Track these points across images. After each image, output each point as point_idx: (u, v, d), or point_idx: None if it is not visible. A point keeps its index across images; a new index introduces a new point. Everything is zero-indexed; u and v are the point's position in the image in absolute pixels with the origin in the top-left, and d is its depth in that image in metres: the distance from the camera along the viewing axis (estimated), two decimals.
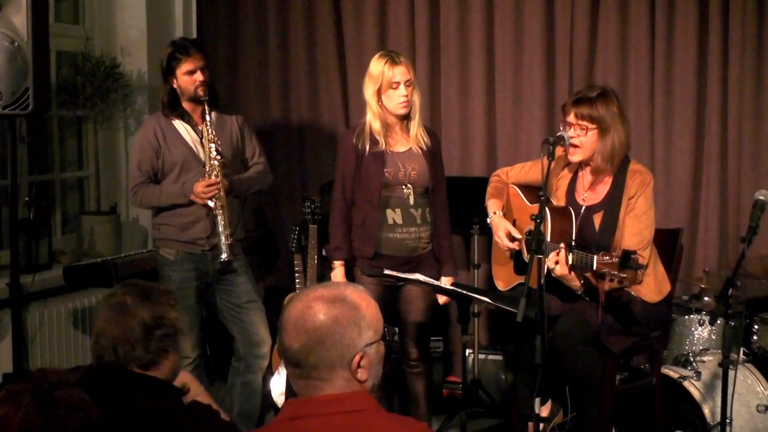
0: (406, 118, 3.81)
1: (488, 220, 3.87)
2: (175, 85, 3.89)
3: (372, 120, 3.79)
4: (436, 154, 3.89)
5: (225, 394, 4.17)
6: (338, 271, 3.87)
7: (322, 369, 1.82)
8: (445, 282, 3.80)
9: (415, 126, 3.81)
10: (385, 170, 3.78)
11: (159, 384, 2.38)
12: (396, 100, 3.74)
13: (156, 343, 2.36)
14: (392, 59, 3.73)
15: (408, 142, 3.83)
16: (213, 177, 3.82)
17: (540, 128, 4.77)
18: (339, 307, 1.84)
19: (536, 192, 3.76)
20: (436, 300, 3.92)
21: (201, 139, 3.89)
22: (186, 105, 3.93)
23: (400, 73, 3.72)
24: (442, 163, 3.98)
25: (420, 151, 3.82)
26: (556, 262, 3.33)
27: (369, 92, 3.77)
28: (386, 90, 3.74)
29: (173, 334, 2.41)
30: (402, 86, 3.72)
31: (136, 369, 2.36)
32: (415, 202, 3.82)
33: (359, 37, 5.09)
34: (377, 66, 3.75)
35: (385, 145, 3.79)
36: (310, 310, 1.83)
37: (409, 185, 3.80)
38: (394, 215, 3.81)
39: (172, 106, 3.90)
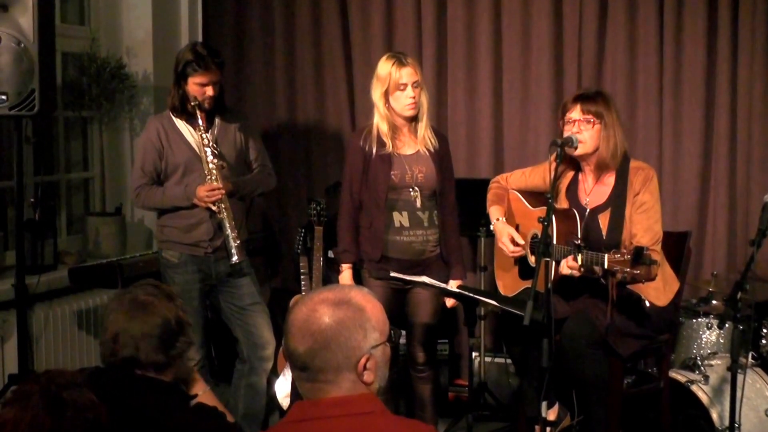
0: (413, 120, 3.80)
1: (491, 227, 3.86)
2: (183, 89, 3.87)
3: (379, 122, 3.78)
4: (444, 156, 3.88)
5: (229, 396, 4.16)
6: (346, 274, 3.86)
7: (328, 372, 1.81)
8: (453, 285, 3.79)
9: (423, 128, 3.80)
10: (392, 173, 3.77)
11: (164, 386, 2.37)
12: (403, 102, 3.73)
13: (176, 350, 2.37)
14: (400, 60, 3.73)
15: (416, 144, 3.82)
16: (213, 181, 3.81)
17: (548, 129, 4.75)
18: (344, 310, 1.83)
19: (537, 196, 3.76)
20: (444, 303, 3.90)
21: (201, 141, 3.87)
22: (191, 108, 3.91)
23: (407, 74, 3.71)
24: (451, 165, 3.97)
25: (427, 154, 3.81)
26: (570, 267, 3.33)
27: (377, 94, 3.76)
28: (393, 91, 3.73)
29: (190, 343, 2.41)
30: (409, 87, 3.71)
31: (146, 371, 2.35)
32: (422, 204, 3.80)
33: (366, 37, 5.08)
34: (385, 67, 3.74)
35: (392, 147, 3.78)
36: (315, 314, 1.82)
37: (415, 188, 3.78)
38: (400, 218, 3.80)
39: (182, 108, 3.89)
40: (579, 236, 3.50)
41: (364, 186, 3.82)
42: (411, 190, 3.79)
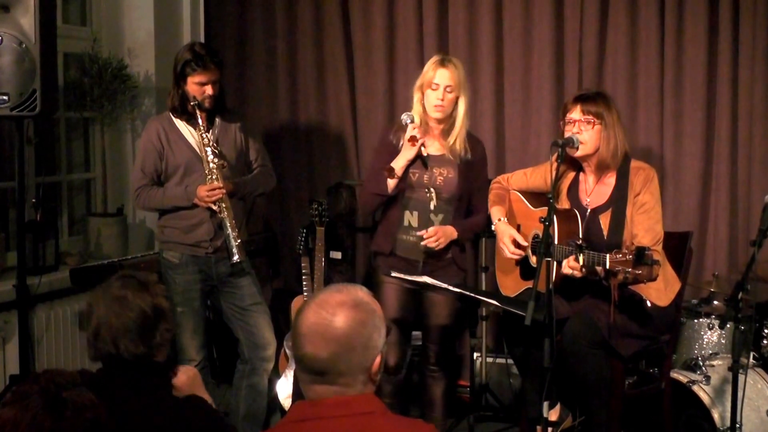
0: (445, 123, 3.78)
1: (493, 227, 3.86)
2: (183, 89, 3.87)
3: (414, 115, 3.80)
4: (476, 163, 3.84)
5: (231, 397, 4.16)
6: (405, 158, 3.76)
7: (348, 375, 1.81)
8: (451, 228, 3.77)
9: (454, 135, 3.77)
10: (411, 170, 3.76)
11: (153, 374, 2.35)
12: (431, 102, 3.74)
13: (158, 339, 2.33)
14: (441, 61, 3.75)
15: (443, 147, 3.81)
16: (214, 181, 3.82)
17: (549, 131, 4.74)
18: (361, 312, 1.83)
19: (539, 197, 3.76)
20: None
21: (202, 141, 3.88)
22: (191, 108, 3.92)
23: (441, 75, 3.72)
24: (485, 172, 3.94)
25: (453, 159, 3.79)
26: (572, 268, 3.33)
27: (415, 86, 3.81)
28: (426, 89, 3.75)
29: (170, 330, 2.39)
30: (441, 90, 3.71)
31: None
32: (437, 207, 3.78)
33: (367, 39, 5.08)
34: (427, 65, 3.79)
35: None
36: (335, 318, 1.81)
37: (432, 189, 3.77)
38: (410, 217, 3.80)
39: (182, 109, 3.89)
40: (580, 236, 3.50)
41: None
42: (427, 191, 3.78)
